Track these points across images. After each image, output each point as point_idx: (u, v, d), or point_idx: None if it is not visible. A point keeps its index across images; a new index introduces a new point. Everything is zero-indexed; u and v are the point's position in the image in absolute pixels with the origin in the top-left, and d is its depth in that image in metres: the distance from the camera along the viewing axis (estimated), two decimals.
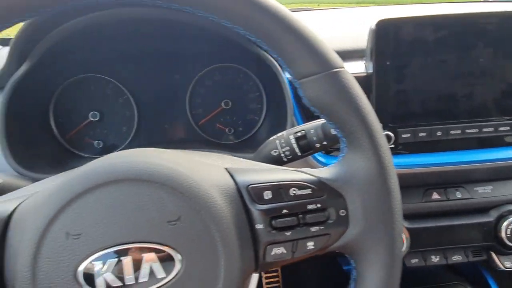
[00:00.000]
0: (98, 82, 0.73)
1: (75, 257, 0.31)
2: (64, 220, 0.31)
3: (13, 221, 0.33)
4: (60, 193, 0.32)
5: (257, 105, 0.78)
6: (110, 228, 0.31)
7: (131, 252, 0.31)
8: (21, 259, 0.31)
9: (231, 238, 0.32)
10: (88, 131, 0.74)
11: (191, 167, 0.34)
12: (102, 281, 0.30)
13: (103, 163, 0.33)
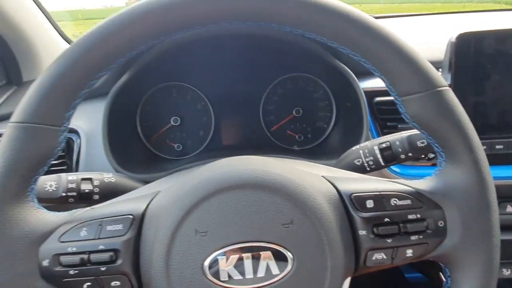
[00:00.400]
0: (179, 89, 0.79)
1: (202, 252, 0.35)
2: (193, 219, 0.35)
3: (147, 217, 0.38)
4: (190, 195, 0.36)
5: (326, 113, 0.81)
6: (232, 228, 0.35)
7: (251, 249, 0.35)
8: (156, 251, 0.36)
9: (336, 242, 0.36)
10: (169, 134, 0.80)
11: (299, 176, 0.38)
12: (225, 273, 0.35)
13: (226, 170, 0.37)
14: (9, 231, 0.37)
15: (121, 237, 0.38)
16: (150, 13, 0.37)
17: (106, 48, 0.38)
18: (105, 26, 0.37)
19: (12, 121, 0.38)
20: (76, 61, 0.38)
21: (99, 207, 0.41)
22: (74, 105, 0.39)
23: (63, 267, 0.38)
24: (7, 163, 0.37)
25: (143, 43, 0.38)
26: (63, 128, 0.39)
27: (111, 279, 0.38)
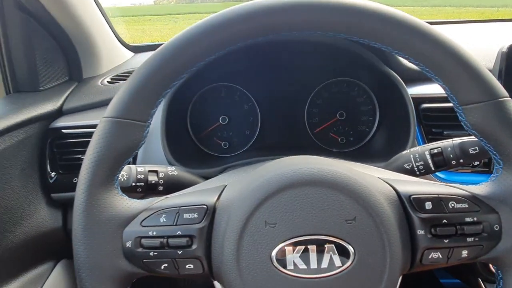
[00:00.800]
0: (228, 90, 0.83)
1: (271, 242, 0.39)
2: (263, 212, 0.39)
3: (218, 208, 0.42)
4: (261, 189, 0.40)
5: (369, 118, 0.83)
6: (300, 221, 0.38)
7: (316, 242, 0.38)
8: (228, 239, 0.39)
9: (395, 239, 0.38)
10: (217, 132, 0.84)
11: (360, 176, 0.40)
12: (291, 263, 0.38)
13: (295, 168, 0.40)
14: (98, 214, 0.42)
15: (196, 224, 0.42)
16: (236, 20, 0.41)
17: (191, 52, 0.42)
18: (191, 32, 0.41)
19: (105, 116, 0.43)
20: (163, 64, 0.42)
21: (174, 197, 0.45)
22: (158, 103, 0.43)
23: (144, 249, 0.42)
24: (100, 153, 0.42)
25: (222, 49, 0.42)
26: (147, 123, 0.43)
27: (186, 262, 0.42)
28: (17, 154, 0.69)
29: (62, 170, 0.75)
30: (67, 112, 0.78)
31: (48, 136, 0.74)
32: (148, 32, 8.15)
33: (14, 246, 0.69)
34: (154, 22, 12.56)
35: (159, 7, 18.09)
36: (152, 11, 15.85)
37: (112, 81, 0.85)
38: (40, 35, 0.77)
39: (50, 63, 0.81)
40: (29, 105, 0.72)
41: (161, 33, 9.77)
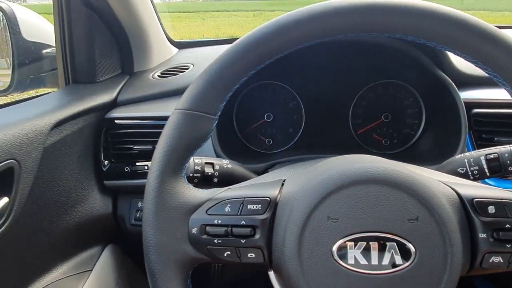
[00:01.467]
0: (274, 88, 0.85)
1: (333, 236, 0.40)
2: (326, 206, 0.40)
3: (281, 201, 0.44)
4: (324, 185, 0.41)
5: (414, 121, 0.82)
6: (362, 218, 0.39)
7: (378, 239, 0.39)
8: (289, 231, 0.41)
9: (457, 241, 0.39)
10: (261, 129, 0.86)
11: (423, 177, 0.41)
12: (353, 258, 0.39)
13: (359, 166, 0.41)
14: (168, 200, 0.44)
15: (259, 215, 0.43)
16: (309, 20, 0.42)
17: (262, 50, 0.44)
18: (264, 30, 0.43)
19: (178, 108, 0.45)
20: (235, 60, 0.44)
21: (236, 188, 0.47)
22: (227, 97, 0.45)
23: (209, 236, 0.44)
24: (171, 143, 0.44)
25: (291, 48, 0.44)
26: (216, 117, 0.46)
27: (248, 251, 0.44)
28: (75, 141, 0.73)
29: (114, 159, 0.79)
30: (121, 103, 0.82)
31: (103, 126, 0.78)
32: (177, 28, 8.29)
33: (69, 229, 0.73)
34: (182, 19, 12.72)
35: (188, 4, 18.31)
36: (181, 8, 16.01)
37: (162, 76, 0.89)
38: (100, 30, 0.81)
39: (106, 56, 0.85)
40: (87, 95, 0.76)
41: (188, 29, 9.90)
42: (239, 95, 0.85)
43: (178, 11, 16.51)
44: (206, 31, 11.80)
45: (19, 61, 0.81)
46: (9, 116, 0.61)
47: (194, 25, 12.02)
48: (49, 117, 0.65)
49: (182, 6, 17.34)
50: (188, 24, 11.48)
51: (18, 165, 0.57)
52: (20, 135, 0.58)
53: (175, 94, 0.82)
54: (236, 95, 0.85)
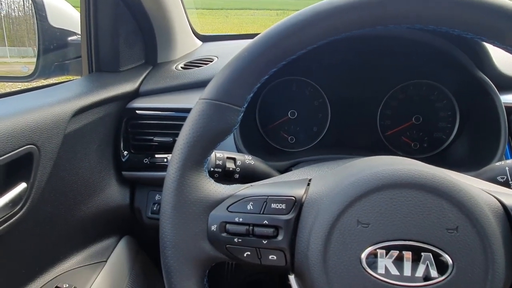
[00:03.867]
0: (299, 84, 0.82)
1: (362, 242, 0.37)
2: (356, 210, 0.37)
3: (307, 201, 0.41)
4: (355, 186, 0.38)
5: (447, 124, 0.78)
6: (395, 224, 0.36)
7: (412, 248, 0.36)
8: (315, 234, 0.38)
9: (499, 254, 0.35)
10: (284, 126, 0.83)
11: (465, 184, 0.37)
12: (383, 267, 0.36)
13: (393, 168, 0.38)
14: (188, 194, 0.42)
15: (283, 215, 0.41)
16: (336, 11, 0.39)
17: (293, 40, 0.41)
18: (296, 19, 0.41)
19: (203, 98, 0.43)
20: (264, 51, 0.41)
21: (259, 185, 0.45)
22: (255, 89, 0.43)
23: (229, 235, 0.42)
24: (195, 134, 0.42)
25: (325, 39, 0.41)
26: (242, 108, 0.43)
27: (270, 252, 0.41)
28: (96, 130, 0.72)
29: (134, 150, 0.78)
30: (144, 94, 0.80)
31: (124, 115, 0.77)
32: (200, 24, 8.36)
33: (86, 218, 0.72)
34: (205, 16, 12.81)
35: (212, 1, 18.43)
36: (205, 4, 16.13)
37: (186, 67, 0.87)
38: (125, 18, 0.80)
39: (131, 45, 0.84)
40: (110, 84, 0.75)
41: (212, 26, 9.94)
42: (263, 90, 0.83)
43: (202, 7, 16.64)
44: (229, 28, 11.85)
45: (45, 47, 0.81)
46: (31, 101, 0.61)
47: (217, 22, 12.08)
48: (71, 104, 0.64)
49: (206, 3, 17.43)
50: (211, 21, 11.54)
51: (38, 151, 0.56)
52: (41, 120, 0.57)
53: (198, 86, 0.80)
54: (260, 90, 0.82)
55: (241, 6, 19.98)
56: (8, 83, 2.72)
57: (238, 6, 20.09)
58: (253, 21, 14.16)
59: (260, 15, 16.73)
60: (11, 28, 1.06)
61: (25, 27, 1.07)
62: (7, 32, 1.06)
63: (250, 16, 16.19)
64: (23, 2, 1.04)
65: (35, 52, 1.06)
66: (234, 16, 16.10)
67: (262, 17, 16.08)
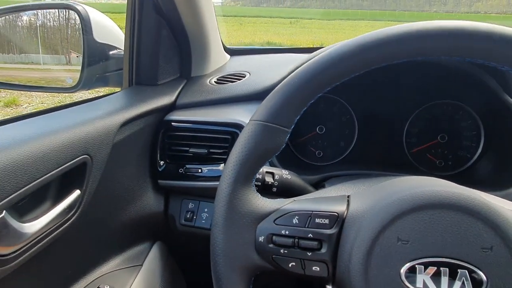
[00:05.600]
0: (328, 101, 0.85)
1: (402, 258, 0.40)
2: (397, 227, 0.40)
3: (348, 218, 0.44)
4: (396, 205, 0.41)
5: (471, 144, 0.80)
6: (434, 242, 0.39)
7: (449, 265, 0.39)
8: (356, 249, 0.41)
9: None
10: (312, 141, 0.87)
11: (498, 206, 0.40)
12: (421, 282, 0.39)
13: (432, 189, 0.41)
14: (239, 207, 0.46)
15: (327, 230, 0.44)
16: (394, 40, 0.43)
17: (340, 68, 0.45)
18: (345, 47, 0.44)
19: (254, 119, 0.47)
20: (313, 76, 0.45)
21: (302, 201, 0.48)
22: (302, 112, 0.47)
23: (275, 246, 0.45)
24: (247, 152, 0.46)
25: (369, 67, 0.45)
26: (290, 130, 0.47)
27: (313, 264, 0.44)
28: (137, 140, 0.76)
29: (170, 160, 0.82)
30: (180, 107, 0.85)
31: (161, 127, 0.82)
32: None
33: (125, 223, 0.76)
34: (219, 23, 12.96)
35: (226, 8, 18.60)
36: (219, 11, 16.23)
37: (218, 82, 0.91)
38: (165, 35, 0.85)
39: (168, 60, 0.89)
40: (150, 97, 0.79)
41: (227, 34, 10.05)
42: None
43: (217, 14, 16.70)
44: (243, 35, 11.95)
45: (89, 60, 0.86)
46: (83, 114, 0.65)
47: (231, 29, 12.19)
48: (118, 115, 0.68)
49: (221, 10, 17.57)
50: (226, 29, 11.68)
51: (91, 160, 0.61)
52: (94, 132, 0.62)
53: (232, 101, 0.84)
54: None
55: (255, 14, 20.12)
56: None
57: (252, 14, 20.24)
58: (267, 29, 14.27)
59: (274, 23, 16.84)
60: (46, 36, 1.13)
61: (59, 36, 1.13)
62: (41, 40, 1.12)
63: (263, 24, 16.32)
64: (58, 13, 1.10)
65: (67, 60, 1.12)
66: (248, 23, 16.23)
67: (276, 25, 16.17)
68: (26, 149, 0.50)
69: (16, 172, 0.48)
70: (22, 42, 1.11)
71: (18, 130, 0.55)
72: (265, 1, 24.16)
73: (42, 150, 0.52)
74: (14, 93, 4.58)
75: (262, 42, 10.33)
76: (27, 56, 1.13)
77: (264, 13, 21.21)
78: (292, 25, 15.85)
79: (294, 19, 17.55)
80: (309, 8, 20.29)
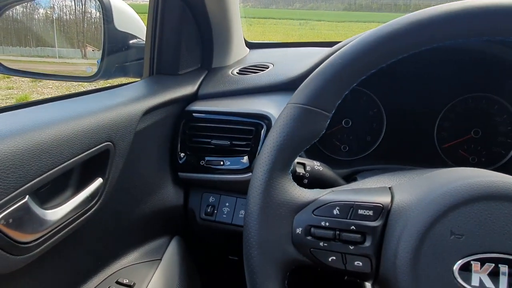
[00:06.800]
0: (355, 93, 0.82)
1: (455, 253, 0.36)
2: (450, 220, 0.37)
3: (394, 209, 0.41)
4: (450, 196, 0.38)
5: (507, 140, 0.77)
6: (491, 236, 0.36)
7: (509, 262, 0.35)
8: (404, 243, 0.38)
9: None
10: (337, 134, 0.83)
11: None
12: (478, 280, 0.36)
13: (488, 180, 0.38)
14: (275, 196, 0.43)
15: (371, 222, 0.41)
16: (442, 20, 0.40)
17: (387, 49, 0.42)
18: (391, 27, 0.41)
19: (292, 102, 0.44)
20: (359, 57, 0.42)
21: (341, 191, 0.45)
22: (344, 95, 0.44)
23: (314, 238, 0.42)
24: (285, 137, 0.43)
25: (417, 49, 0.42)
26: (331, 114, 0.44)
27: (355, 258, 0.41)
28: (158, 131, 0.74)
29: (190, 152, 0.79)
30: (202, 97, 0.82)
31: (183, 118, 0.79)
32: None
33: (144, 215, 0.74)
34: None
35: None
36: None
37: (241, 73, 0.89)
38: (189, 23, 0.82)
39: (190, 50, 0.86)
40: (171, 87, 0.77)
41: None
42: None
43: None
44: (252, 36, 11.90)
45: (109, 49, 0.84)
46: (106, 101, 0.63)
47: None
48: (141, 103, 0.66)
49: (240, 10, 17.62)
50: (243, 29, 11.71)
51: (114, 148, 0.59)
52: (117, 118, 0.60)
53: (256, 92, 0.81)
54: None
55: (264, 16, 20.14)
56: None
57: (262, 15, 20.26)
58: (276, 30, 14.25)
59: (283, 25, 16.82)
60: (62, 30, 1.11)
61: (75, 30, 1.12)
62: (58, 34, 1.11)
63: (272, 25, 16.31)
64: (75, 7, 1.09)
65: (82, 54, 1.11)
66: (257, 24, 16.22)
67: (285, 27, 16.15)
68: (50, 132, 0.48)
69: (41, 155, 0.46)
70: (39, 35, 1.10)
71: (42, 113, 0.53)
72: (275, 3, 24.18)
73: (66, 134, 0.50)
74: (25, 90, 4.62)
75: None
76: (43, 49, 1.12)
77: (273, 14, 21.20)
78: (302, 26, 15.81)
79: (303, 20, 17.51)
80: (319, 10, 20.26)
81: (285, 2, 23.69)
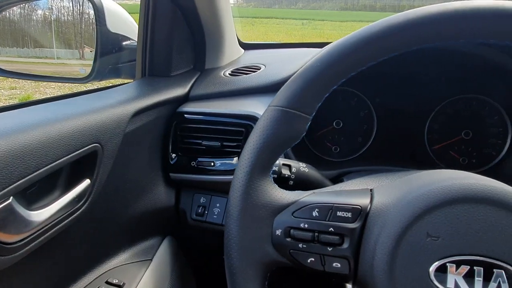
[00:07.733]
0: (345, 94, 0.82)
1: (431, 255, 0.37)
2: (426, 222, 0.37)
3: (372, 211, 0.41)
4: (426, 199, 0.38)
5: (498, 141, 0.76)
6: (467, 239, 0.36)
7: (484, 264, 0.36)
8: (381, 245, 0.38)
9: None
10: (328, 136, 0.84)
11: None
12: (453, 282, 0.36)
13: (466, 182, 0.38)
14: (255, 198, 0.43)
15: (349, 224, 0.41)
16: (411, 24, 0.40)
17: (367, 51, 0.42)
18: (371, 30, 0.41)
19: (273, 105, 0.44)
20: (338, 60, 0.42)
21: (322, 193, 0.45)
22: (324, 98, 0.44)
23: (293, 240, 0.43)
24: (265, 139, 0.43)
25: (399, 51, 0.42)
26: (311, 117, 0.44)
27: (334, 260, 0.42)
28: (148, 132, 0.74)
29: (182, 153, 0.80)
30: (193, 98, 0.83)
31: (174, 119, 0.80)
32: None
33: (134, 216, 0.75)
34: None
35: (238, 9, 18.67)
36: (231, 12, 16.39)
37: (233, 74, 0.89)
38: (180, 25, 0.83)
39: (182, 51, 0.87)
40: (163, 88, 0.78)
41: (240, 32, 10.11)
42: None
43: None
44: (255, 36, 11.94)
45: (102, 51, 0.85)
46: (95, 103, 0.64)
47: (243, 30, 12.22)
48: (130, 105, 0.67)
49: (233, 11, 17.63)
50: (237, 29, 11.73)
51: (102, 149, 0.59)
52: (106, 120, 0.60)
53: (247, 93, 0.81)
54: None
55: (267, 15, 20.12)
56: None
57: (264, 15, 20.25)
58: (278, 30, 14.25)
59: (286, 25, 16.82)
60: (60, 31, 1.12)
61: (73, 31, 1.12)
62: (56, 35, 1.12)
63: (275, 25, 16.31)
64: (72, 8, 1.09)
65: (80, 54, 1.11)
66: (260, 24, 16.23)
67: (288, 27, 16.14)
68: (35, 134, 0.49)
69: (25, 157, 0.46)
70: (36, 37, 1.11)
71: (28, 115, 0.53)
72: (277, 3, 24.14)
73: (52, 136, 0.51)
74: (28, 90, 4.65)
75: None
76: (41, 50, 1.13)
77: (276, 14, 21.20)
78: (304, 26, 15.80)
79: (306, 20, 17.49)
80: (321, 10, 20.22)
81: (288, 1, 23.67)
